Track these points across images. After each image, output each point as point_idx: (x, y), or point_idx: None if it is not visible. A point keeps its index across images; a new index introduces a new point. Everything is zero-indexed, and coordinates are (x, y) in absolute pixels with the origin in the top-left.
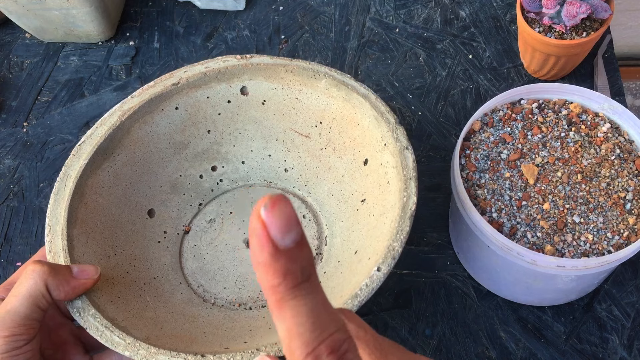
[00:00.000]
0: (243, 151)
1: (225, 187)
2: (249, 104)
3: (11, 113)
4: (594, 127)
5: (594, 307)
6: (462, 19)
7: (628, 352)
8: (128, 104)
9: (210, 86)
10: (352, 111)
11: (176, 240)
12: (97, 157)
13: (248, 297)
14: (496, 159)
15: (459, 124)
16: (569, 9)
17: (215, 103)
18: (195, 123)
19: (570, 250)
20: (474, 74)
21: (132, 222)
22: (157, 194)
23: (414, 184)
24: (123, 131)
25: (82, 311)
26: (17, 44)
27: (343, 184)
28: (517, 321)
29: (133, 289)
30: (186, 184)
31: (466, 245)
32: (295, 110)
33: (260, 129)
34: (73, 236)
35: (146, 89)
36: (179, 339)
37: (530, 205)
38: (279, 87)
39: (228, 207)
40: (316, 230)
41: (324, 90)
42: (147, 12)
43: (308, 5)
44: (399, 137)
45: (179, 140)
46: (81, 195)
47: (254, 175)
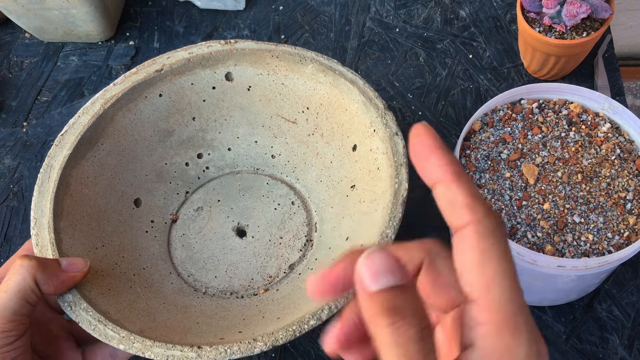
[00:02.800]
0: (229, 138)
1: (211, 174)
2: (234, 90)
3: (11, 113)
4: (594, 127)
5: (594, 307)
6: (462, 18)
7: (628, 352)
8: (110, 92)
9: (194, 72)
10: (340, 97)
11: (164, 230)
12: (81, 147)
13: (240, 286)
14: (496, 159)
15: (459, 123)
16: (569, 8)
17: (199, 89)
18: (180, 110)
19: (571, 250)
20: (474, 74)
21: (119, 213)
22: (143, 182)
23: (405, 170)
24: (106, 120)
25: (74, 305)
26: (17, 43)
27: (332, 170)
28: None
29: (123, 280)
30: (172, 172)
31: None
32: (281, 96)
33: (246, 115)
34: (60, 229)
35: (128, 75)
36: (173, 330)
37: (531, 205)
38: (264, 72)
39: (215, 195)
40: (305, 217)
41: (310, 76)
42: (147, 12)
43: (308, 5)
44: (388, 122)
45: (163, 127)
46: (66, 186)
47: (241, 162)
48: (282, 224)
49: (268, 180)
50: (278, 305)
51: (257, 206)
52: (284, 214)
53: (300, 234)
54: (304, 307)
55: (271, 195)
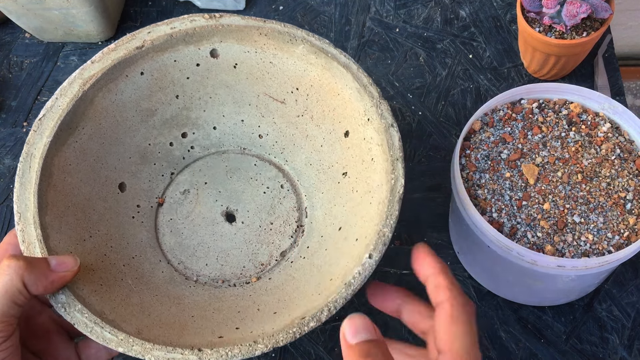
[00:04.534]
0: (214, 116)
1: (197, 154)
2: (219, 68)
3: (11, 113)
4: (594, 127)
5: (594, 307)
6: (462, 18)
7: (628, 352)
8: (89, 71)
9: (177, 49)
10: (332, 80)
11: (150, 214)
12: (61, 133)
13: (231, 274)
14: (496, 159)
15: (459, 123)
16: (569, 8)
17: (183, 67)
18: (163, 88)
19: (571, 250)
20: (474, 74)
21: (104, 199)
22: (127, 165)
23: (401, 165)
24: (86, 102)
25: (68, 306)
26: (17, 43)
27: (322, 153)
28: (517, 321)
29: (113, 272)
30: (156, 153)
31: (466, 245)
32: (269, 74)
33: (232, 93)
34: (46, 224)
35: (107, 52)
36: (170, 327)
37: (531, 205)
38: (252, 50)
39: (202, 177)
40: (295, 201)
41: (301, 57)
42: (147, 12)
43: (308, 5)
44: (383, 113)
45: (145, 107)
46: (49, 176)
47: (227, 141)
48: (272, 208)
49: (256, 161)
50: (272, 296)
51: (245, 189)
52: (273, 198)
53: (291, 220)
54: (299, 301)
55: (260, 177)
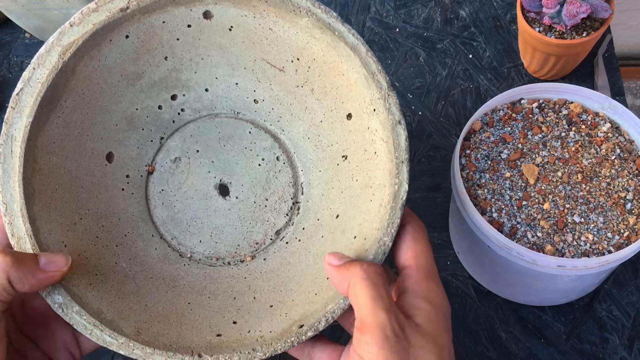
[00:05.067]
0: (206, 78)
1: (187, 117)
2: (212, 30)
3: None
4: (594, 126)
5: (594, 307)
6: (462, 18)
7: (628, 352)
8: (68, 37)
9: (166, 10)
10: (338, 60)
11: (141, 184)
12: (42, 111)
13: (226, 252)
14: (496, 159)
15: (459, 123)
16: (569, 8)
17: (172, 28)
18: (150, 50)
19: (571, 250)
20: (474, 74)
21: (92, 173)
22: (114, 133)
23: (406, 168)
24: (67, 73)
25: (65, 308)
26: (16, 43)
27: (321, 129)
28: (518, 321)
29: (107, 256)
30: (144, 118)
31: (466, 245)
32: (268, 40)
33: (226, 55)
34: (35, 215)
35: (87, 13)
36: (168, 321)
37: (531, 205)
38: (249, 15)
39: (193, 143)
40: (291, 176)
41: (304, 29)
42: None
43: None
44: (391, 107)
45: (132, 70)
46: (33, 161)
47: (220, 104)
48: (267, 183)
49: (250, 128)
50: (268, 282)
51: (239, 160)
52: (268, 172)
53: (286, 196)
54: (296, 297)
55: (254, 147)
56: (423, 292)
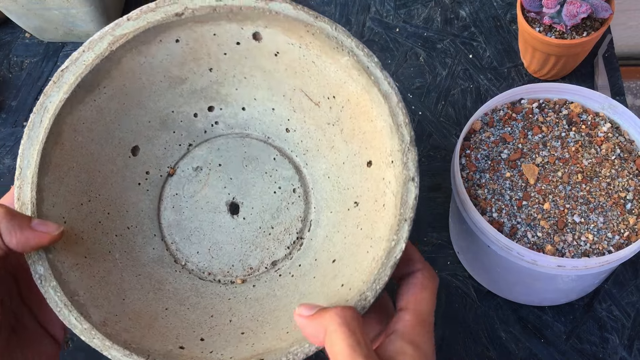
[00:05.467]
0: (245, 97)
1: (219, 130)
2: (259, 52)
3: (11, 113)
4: (594, 126)
5: (594, 307)
6: (463, 18)
7: (628, 352)
8: (122, 29)
9: (219, 24)
10: (369, 105)
11: (158, 183)
12: (79, 91)
13: (219, 269)
14: (496, 159)
15: (459, 123)
16: (569, 8)
17: (222, 42)
18: (197, 59)
19: (571, 250)
20: (474, 74)
21: (113, 161)
22: (144, 129)
23: (408, 227)
24: (113, 62)
25: (44, 280)
26: (17, 43)
27: (342, 171)
28: (518, 321)
29: (103, 243)
30: (178, 121)
31: (466, 245)
32: (309, 73)
33: (268, 79)
34: (44, 186)
35: (145, 11)
36: (138, 320)
37: (531, 205)
38: (296, 44)
39: (218, 157)
40: (303, 211)
41: (344, 68)
42: None
43: (308, 4)
44: (408, 162)
45: (176, 74)
46: (58, 135)
47: (253, 125)
48: (277, 211)
49: (276, 155)
50: (249, 309)
51: (257, 183)
52: (282, 201)
53: (293, 229)
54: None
55: (275, 174)
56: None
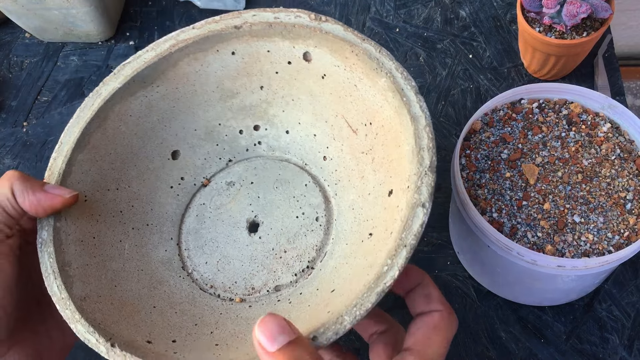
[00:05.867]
0: (291, 120)
1: (261, 151)
2: (308, 73)
3: (11, 113)
4: (594, 127)
5: (594, 307)
6: (463, 18)
7: (628, 352)
8: (185, 34)
9: (273, 40)
10: (399, 128)
11: (190, 191)
12: (132, 84)
13: (221, 283)
14: (496, 159)
15: (459, 123)
16: (569, 8)
17: (274, 60)
18: (250, 75)
19: (571, 250)
20: (474, 74)
21: (151, 159)
22: (189, 136)
23: (406, 254)
24: (170, 63)
25: (43, 245)
26: (17, 43)
27: (366, 202)
28: (517, 321)
29: (117, 231)
30: (223, 135)
31: (466, 245)
32: (351, 98)
33: (314, 103)
34: (75, 161)
35: (209, 22)
36: (122, 306)
37: (531, 205)
38: (341, 66)
39: (253, 175)
40: (320, 240)
41: (381, 90)
42: (147, 11)
43: (308, 5)
44: (421, 187)
45: (228, 87)
46: (103, 119)
47: (293, 150)
48: (294, 237)
49: (309, 181)
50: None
51: (282, 206)
52: (301, 227)
53: (305, 257)
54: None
55: (302, 200)
56: None
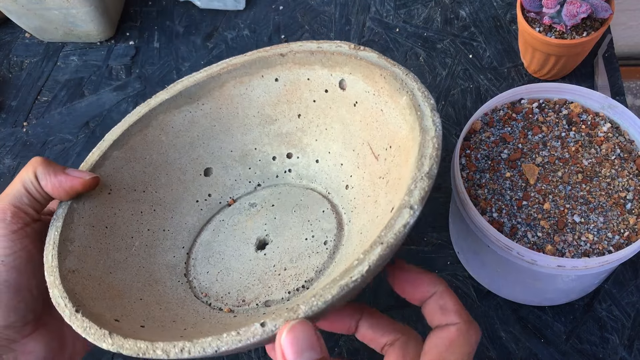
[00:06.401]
0: (322, 149)
1: (289, 179)
2: (343, 101)
3: (11, 113)
4: (594, 126)
5: (595, 307)
6: (463, 18)
7: (628, 352)
8: (236, 60)
9: (313, 68)
10: (411, 144)
11: (213, 208)
12: (179, 98)
13: (215, 292)
14: (496, 159)
15: (459, 123)
16: (569, 8)
17: (313, 88)
18: (290, 102)
19: (571, 250)
20: (474, 74)
21: (184, 171)
22: (224, 156)
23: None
24: (217, 82)
25: (55, 220)
26: (17, 43)
27: (374, 225)
28: (518, 321)
29: (131, 229)
30: (256, 159)
31: (466, 245)
32: (377, 123)
33: (344, 132)
34: (109, 156)
35: (260, 51)
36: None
37: (531, 205)
38: (371, 91)
39: (275, 199)
40: (323, 263)
41: (401, 109)
42: (147, 11)
43: (308, 4)
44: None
45: (268, 113)
46: (145, 125)
47: (320, 179)
48: (298, 257)
49: (327, 208)
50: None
51: (294, 227)
52: (307, 248)
53: (302, 277)
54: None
55: (315, 224)
56: None
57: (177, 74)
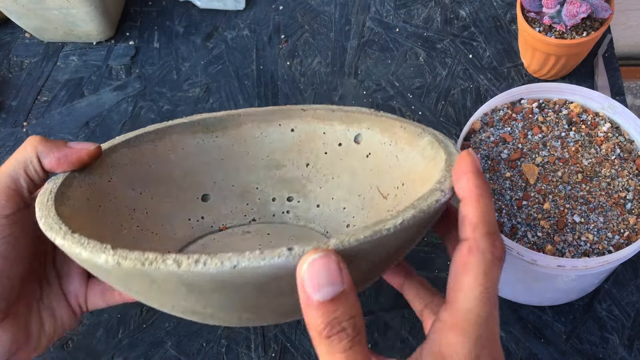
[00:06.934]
0: (325, 196)
1: (287, 219)
2: (356, 154)
3: (11, 113)
4: (594, 126)
5: (595, 307)
6: (462, 18)
7: (628, 352)
8: (258, 108)
9: (331, 124)
10: (432, 172)
11: (204, 229)
12: (196, 125)
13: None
14: (496, 159)
15: (459, 123)
16: (569, 8)
17: (327, 141)
18: (301, 152)
19: (571, 250)
20: (474, 74)
21: (183, 191)
22: (225, 189)
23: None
24: (235, 122)
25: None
26: (16, 43)
27: None
28: (517, 321)
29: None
30: (256, 198)
31: None
32: (390, 169)
33: (352, 181)
34: (118, 150)
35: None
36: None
37: (531, 205)
38: (387, 142)
39: (273, 236)
40: None
41: (420, 150)
42: (147, 11)
43: (308, 4)
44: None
45: (276, 159)
46: (159, 138)
47: (319, 220)
48: None
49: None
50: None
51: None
52: None
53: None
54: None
55: None
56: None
57: (177, 74)
